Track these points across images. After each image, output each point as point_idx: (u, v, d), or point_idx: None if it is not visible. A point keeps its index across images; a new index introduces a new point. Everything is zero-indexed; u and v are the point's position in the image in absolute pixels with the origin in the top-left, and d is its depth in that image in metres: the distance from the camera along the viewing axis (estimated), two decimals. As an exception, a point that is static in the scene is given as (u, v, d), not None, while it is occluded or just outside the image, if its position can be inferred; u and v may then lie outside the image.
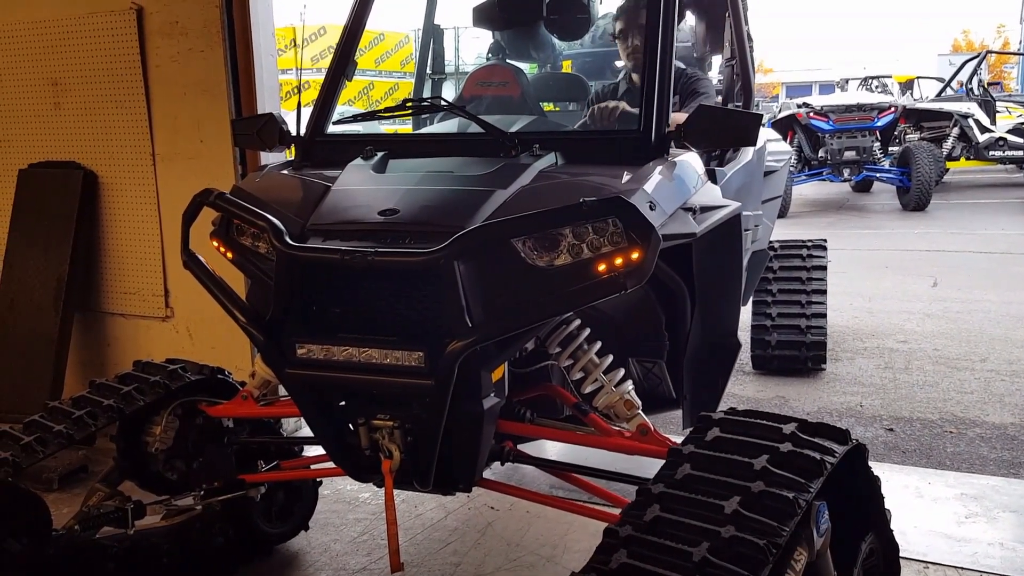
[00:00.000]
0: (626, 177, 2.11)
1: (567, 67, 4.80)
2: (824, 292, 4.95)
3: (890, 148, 12.69)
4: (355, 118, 2.85)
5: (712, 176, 2.61)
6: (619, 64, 4.69)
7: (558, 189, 2.11)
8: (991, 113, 13.01)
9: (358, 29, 2.86)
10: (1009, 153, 12.85)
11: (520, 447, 2.40)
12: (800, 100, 13.13)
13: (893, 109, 12.37)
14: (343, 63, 2.76)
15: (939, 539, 2.87)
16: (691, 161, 2.38)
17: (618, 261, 1.88)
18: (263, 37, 3.82)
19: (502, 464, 2.35)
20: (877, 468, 1.95)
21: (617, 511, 2.04)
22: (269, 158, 3.86)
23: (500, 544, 2.91)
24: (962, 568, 2.69)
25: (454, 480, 2.16)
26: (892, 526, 1.98)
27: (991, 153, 12.89)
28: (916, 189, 11.44)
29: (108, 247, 4.19)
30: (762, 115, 2.47)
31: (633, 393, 2.25)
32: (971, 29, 52.71)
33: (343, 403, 2.16)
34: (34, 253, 4.17)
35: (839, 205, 12.98)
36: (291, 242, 2.01)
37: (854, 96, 13.72)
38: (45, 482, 3.45)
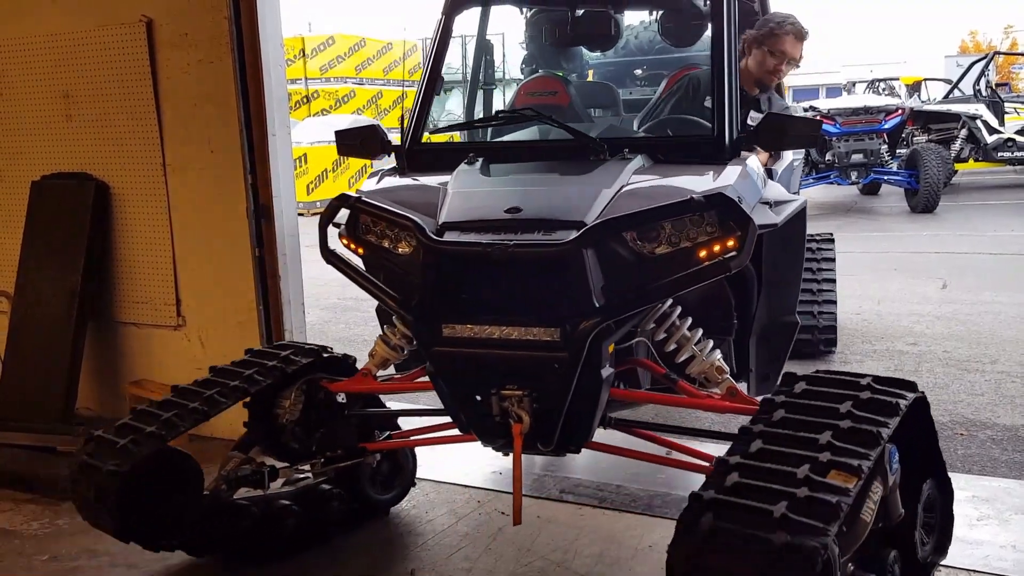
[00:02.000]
0: (713, 176, 2.40)
1: (590, 76, 5.14)
2: (833, 281, 5.25)
3: (898, 150, 12.67)
4: (451, 128, 3.39)
5: (769, 174, 2.93)
6: (638, 72, 5.11)
7: (655, 186, 2.42)
8: (999, 114, 12.97)
9: (444, 48, 3.16)
10: (1018, 154, 12.78)
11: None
12: (807, 103, 13.14)
13: (900, 111, 12.35)
14: (433, 78, 3.10)
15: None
16: (753, 163, 2.63)
17: (716, 248, 2.16)
18: (271, 48, 3.86)
19: (604, 429, 2.58)
20: (887, 470, 2.00)
21: (706, 463, 2.42)
22: (278, 168, 3.91)
23: (511, 549, 2.92)
24: (974, 571, 2.69)
25: (572, 441, 2.40)
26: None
27: (1000, 154, 12.84)
28: (924, 191, 11.42)
29: (120, 257, 4.23)
30: (821, 121, 2.79)
31: (722, 360, 2.49)
32: (979, 30, 52.44)
33: (476, 376, 2.35)
34: (48, 264, 4.21)
35: (847, 208, 12.96)
36: (436, 237, 2.26)
37: (861, 99, 13.71)
38: (62, 490, 3.46)
